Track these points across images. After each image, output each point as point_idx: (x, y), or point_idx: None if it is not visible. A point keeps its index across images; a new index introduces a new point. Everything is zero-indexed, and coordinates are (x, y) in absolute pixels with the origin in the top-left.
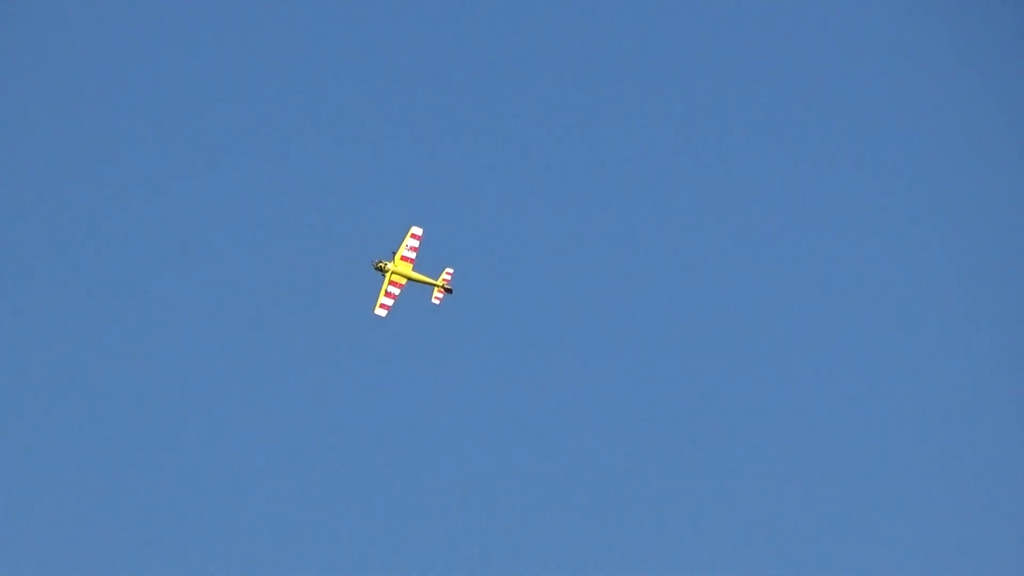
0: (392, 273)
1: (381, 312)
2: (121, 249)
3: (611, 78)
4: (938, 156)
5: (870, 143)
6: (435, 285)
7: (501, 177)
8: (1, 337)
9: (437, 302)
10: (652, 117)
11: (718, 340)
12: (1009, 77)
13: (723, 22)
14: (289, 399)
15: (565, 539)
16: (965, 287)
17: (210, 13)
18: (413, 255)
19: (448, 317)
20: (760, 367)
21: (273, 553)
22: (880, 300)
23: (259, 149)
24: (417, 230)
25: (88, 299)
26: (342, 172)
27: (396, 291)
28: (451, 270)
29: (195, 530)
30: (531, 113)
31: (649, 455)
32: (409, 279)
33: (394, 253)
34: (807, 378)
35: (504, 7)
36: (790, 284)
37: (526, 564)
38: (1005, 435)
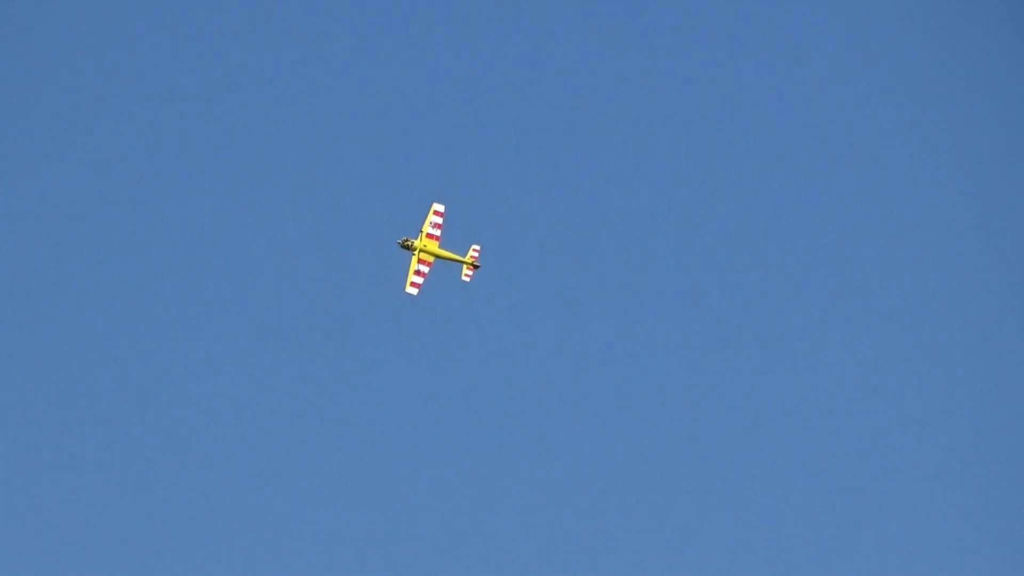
0: (420, 251)
1: (412, 291)
2: (136, 244)
3: (631, 73)
4: (938, 159)
5: (875, 150)
6: (463, 262)
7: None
8: (8, 339)
9: (467, 279)
10: (677, 109)
11: (749, 340)
12: (1010, 81)
13: (732, 27)
14: (327, 384)
15: (574, 537)
16: (966, 292)
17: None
18: (438, 232)
19: (479, 296)
20: (773, 370)
21: (293, 551)
22: (882, 307)
23: (269, 140)
24: (439, 207)
25: (108, 292)
26: (356, 158)
27: (425, 269)
28: (478, 246)
29: (206, 527)
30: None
31: (676, 452)
32: (437, 257)
33: (419, 231)
34: (809, 381)
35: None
36: (792, 285)
37: (540, 563)
38: (1006, 441)
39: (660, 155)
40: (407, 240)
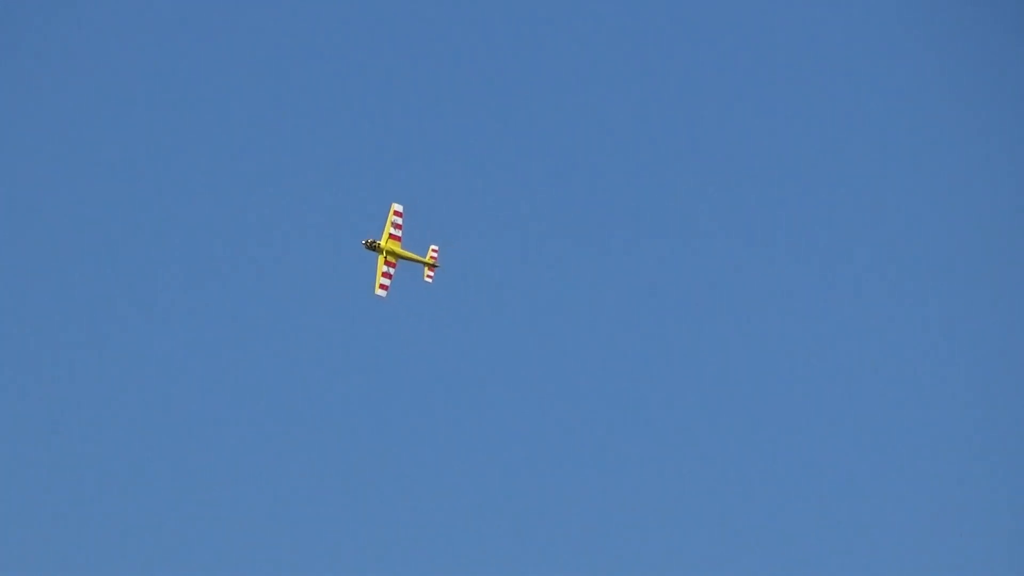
0: (386, 253)
1: (381, 293)
2: (111, 243)
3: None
4: (938, 159)
5: (873, 150)
6: (424, 263)
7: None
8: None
9: (429, 280)
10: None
11: (715, 330)
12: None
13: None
14: (300, 390)
15: (565, 536)
16: (966, 291)
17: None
18: (399, 232)
19: (446, 298)
20: (764, 366)
21: (273, 551)
22: (880, 306)
23: (231, 144)
24: (398, 207)
25: (86, 295)
26: (315, 158)
27: (391, 270)
28: (436, 247)
29: (191, 530)
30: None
31: (645, 447)
32: (400, 258)
33: (382, 232)
34: (810, 384)
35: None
36: (787, 284)
37: (524, 563)
38: (1006, 443)
39: (623, 155)
40: (372, 241)
